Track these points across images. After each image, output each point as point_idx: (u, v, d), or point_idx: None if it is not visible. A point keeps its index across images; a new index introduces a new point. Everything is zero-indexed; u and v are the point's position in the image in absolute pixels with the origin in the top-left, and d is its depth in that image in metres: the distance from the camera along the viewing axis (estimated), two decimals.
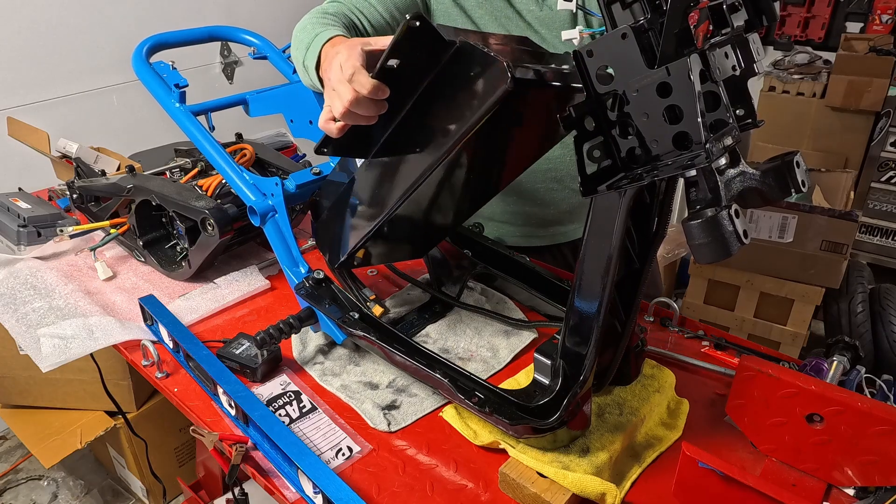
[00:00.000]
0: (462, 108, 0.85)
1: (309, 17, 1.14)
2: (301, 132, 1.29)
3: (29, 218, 1.51)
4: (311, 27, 1.09)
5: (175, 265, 1.39)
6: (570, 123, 0.72)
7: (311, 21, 1.12)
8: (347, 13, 1.18)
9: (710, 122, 0.67)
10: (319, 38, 1.03)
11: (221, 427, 0.99)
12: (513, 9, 1.27)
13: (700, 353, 1.15)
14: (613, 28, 0.70)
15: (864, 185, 3.26)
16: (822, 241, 2.33)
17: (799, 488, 0.86)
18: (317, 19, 1.12)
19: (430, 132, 0.91)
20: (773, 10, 0.69)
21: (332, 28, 1.07)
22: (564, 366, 0.87)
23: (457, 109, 0.86)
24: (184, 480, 1.86)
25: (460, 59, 0.83)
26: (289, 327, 1.09)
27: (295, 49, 1.11)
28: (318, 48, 1.02)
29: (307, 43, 1.05)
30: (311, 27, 1.09)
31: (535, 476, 0.85)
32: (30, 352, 1.15)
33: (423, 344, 1.03)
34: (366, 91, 0.84)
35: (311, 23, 1.11)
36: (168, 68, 1.32)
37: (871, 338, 2.50)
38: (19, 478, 2.25)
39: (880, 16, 3.27)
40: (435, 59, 0.85)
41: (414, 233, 1.22)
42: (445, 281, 1.27)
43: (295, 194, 1.24)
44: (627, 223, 0.79)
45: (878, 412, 0.80)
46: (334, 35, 1.02)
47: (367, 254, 1.20)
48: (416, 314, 1.22)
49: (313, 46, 1.04)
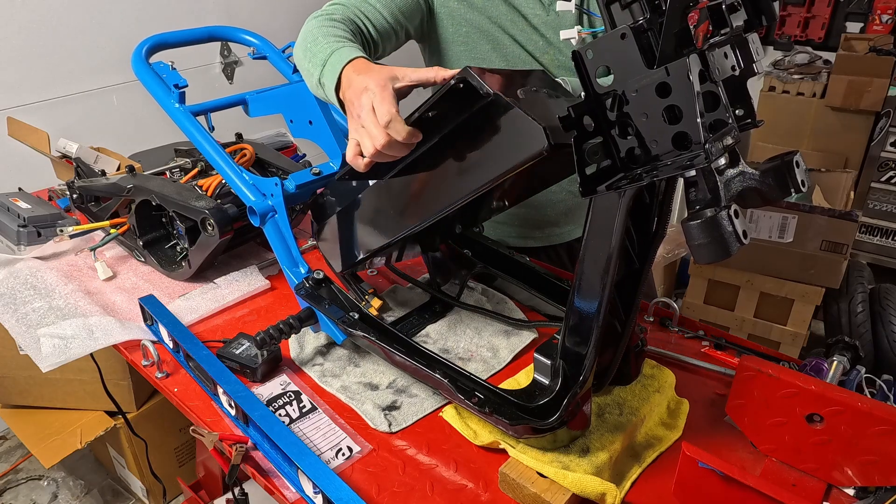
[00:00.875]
0: (493, 157, 0.87)
1: (317, 25, 1.09)
2: (301, 132, 1.29)
3: (29, 218, 1.51)
4: (324, 39, 1.04)
5: (175, 265, 1.39)
6: (570, 124, 0.72)
7: (320, 31, 1.07)
8: (353, 17, 1.15)
9: (709, 122, 0.67)
10: (337, 56, 0.98)
11: (221, 427, 0.99)
12: (518, 13, 1.26)
13: (700, 353, 1.15)
14: (613, 28, 0.70)
15: (864, 185, 3.26)
16: (822, 241, 2.33)
17: (799, 488, 0.86)
18: (326, 29, 1.07)
19: (455, 170, 0.93)
20: (772, 9, 0.69)
21: (347, 44, 1.03)
22: (564, 366, 0.87)
23: (487, 157, 0.88)
24: (184, 480, 1.86)
25: (497, 112, 0.84)
26: (289, 327, 1.09)
27: (306, 60, 1.05)
28: (337, 69, 0.97)
29: (322, 59, 1.00)
30: (324, 39, 1.04)
31: (535, 476, 0.85)
32: (30, 352, 1.15)
33: (423, 344, 1.03)
34: (401, 138, 0.86)
35: (322, 33, 1.06)
36: (167, 68, 1.32)
37: (871, 338, 2.50)
38: (19, 478, 2.25)
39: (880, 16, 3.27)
40: (469, 107, 0.87)
41: (421, 239, 1.23)
42: (445, 281, 1.27)
43: (295, 194, 1.24)
44: (627, 223, 0.79)
45: (878, 412, 0.80)
46: (355, 57, 0.97)
47: (372, 261, 1.22)
48: (416, 314, 1.22)
49: (331, 65, 0.99)
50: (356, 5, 1.17)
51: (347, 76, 0.95)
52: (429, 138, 0.91)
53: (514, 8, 1.26)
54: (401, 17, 1.21)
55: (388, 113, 0.85)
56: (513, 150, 0.83)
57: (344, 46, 1.01)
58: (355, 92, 0.91)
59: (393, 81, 0.88)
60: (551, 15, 1.27)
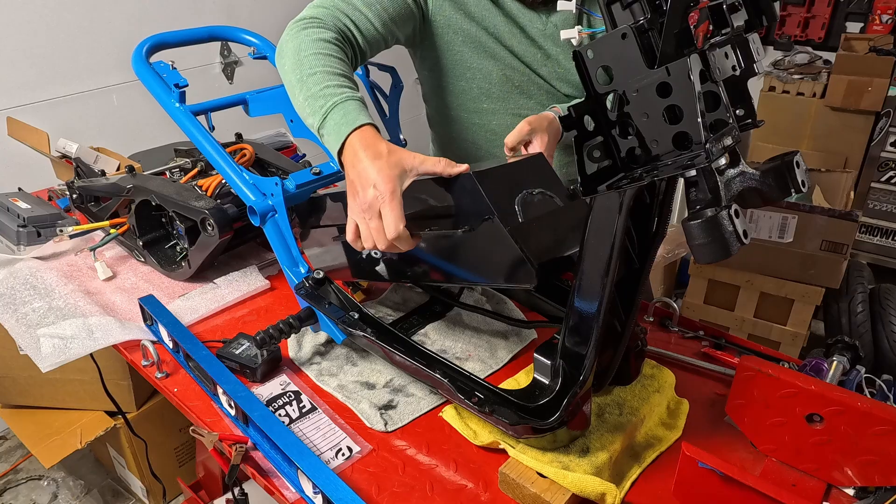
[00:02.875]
0: (483, 269, 0.93)
1: (308, 41, 1.02)
2: (301, 132, 1.28)
3: (29, 218, 1.51)
4: (322, 77, 0.97)
5: (175, 265, 1.39)
6: (571, 123, 0.72)
7: (315, 57, 1.00)
8: (341, 26, 1.09)
9: (709, 122, 0.67)
10: (341, 114, 0.93)
11: (221, 427, 0.99)
12: (516, 25, 1.24)
13: (700, 353, 1.15)
14: (614, 28, 0.70)
15: (864, 185, 3.26)
16: (822, 241, 2.33)
17: (799, 488, 0.86)
18: (321, 56, 1.00)
19: (446, 260, 0.98)
20: (772, 9, 0.69)
21: (348, 92, 0.96)
22: (564, 366, 0.86)
23: (478, 266, 0.93)
24: (184, 480, 1.86)
25: (496, 234, 0.87)
26: (289, 327, 1.09)
27: (299, 91, 0.99)
28: (342, 134, 0.92)
29: (323, 110, 0.95)
30: (322, 77, 0.97)
31: (534, 476, 0.85)
32: (29, 352, 1.15)
33: (422, 344, 1.03)
34: (404, 248, 0.88)
35: (319, 63, 0.99)
36: (168, 68, 1.32)
37: (870, 338, 2.50)
38: (19, 478, 2.25)
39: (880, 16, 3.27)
40: (471, 220, 0.90)
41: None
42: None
43: (295, 194, 1.23)
44: (627, 223, 0.79)
45: (878, 412, 0.80)
46: (362, 124, 0.92)
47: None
48: (415, 314, 1.22)
49: (335, 124, 0.93)
50: (344, 11, 1.11)
51: (353, 148, 0.90)
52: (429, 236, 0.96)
53: (512, 19, 1.24)
54: (391, 25, 1.16)
55: (395, 230, 0.84)
56: (503, 275, 0.90)
57: (348, 100, 0.95)
58: (361, 181, 0.87)
59: (401, 180, 0.86)
60: (549, 27, 1.25)
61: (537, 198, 0.91)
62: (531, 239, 0.86)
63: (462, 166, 0.88)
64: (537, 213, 0.89)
